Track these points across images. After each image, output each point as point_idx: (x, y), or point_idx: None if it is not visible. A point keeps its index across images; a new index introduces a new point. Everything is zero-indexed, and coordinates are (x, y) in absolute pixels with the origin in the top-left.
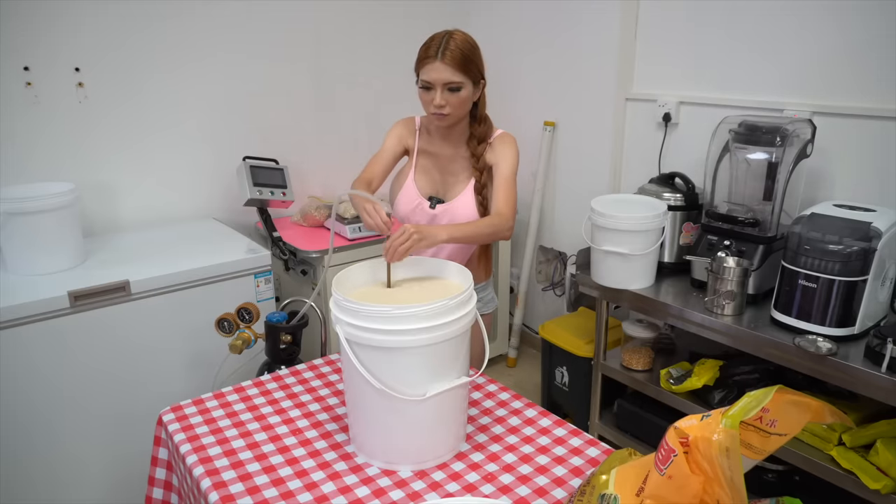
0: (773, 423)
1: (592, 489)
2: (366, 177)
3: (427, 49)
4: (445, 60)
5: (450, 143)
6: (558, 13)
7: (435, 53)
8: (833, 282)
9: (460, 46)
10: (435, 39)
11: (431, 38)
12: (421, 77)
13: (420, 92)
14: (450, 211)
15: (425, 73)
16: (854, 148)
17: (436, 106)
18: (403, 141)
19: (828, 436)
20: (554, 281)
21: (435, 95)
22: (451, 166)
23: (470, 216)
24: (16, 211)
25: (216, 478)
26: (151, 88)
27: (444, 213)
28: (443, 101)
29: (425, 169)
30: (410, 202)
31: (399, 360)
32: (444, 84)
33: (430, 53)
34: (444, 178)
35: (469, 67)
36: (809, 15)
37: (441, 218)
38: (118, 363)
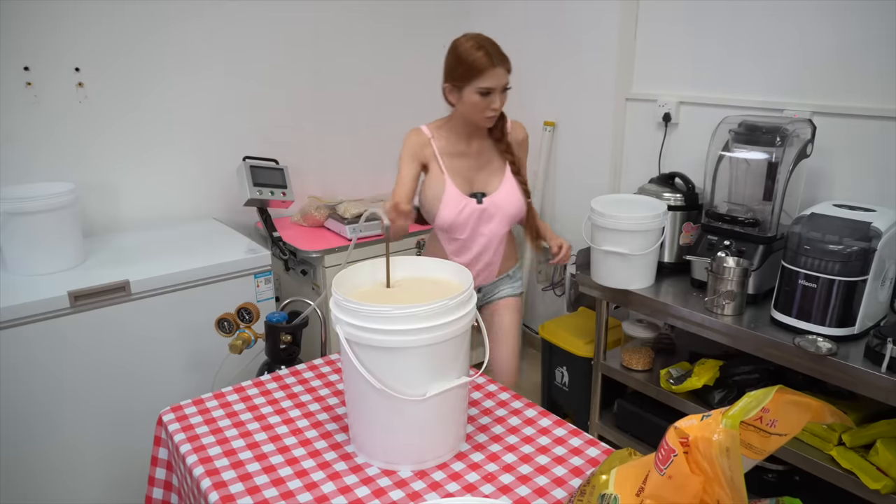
0: (773, 423)
1: (592, 489)
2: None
3: (486, 57)
4: (505, 65)
5: (476, 138)
6: (558, 13)
7: (496, 61)
8: (833, 282)
9: (501, 48)
10: (484, 46)
11: (477, 44)
12: (481, 84)
13: (475, 98)
14: (497, 202)
15: (487, 80)
16: (854, 148)
17: (494, 109)
18: (419, 158)
19: (828, 436)
20: (554, 281)
21: (495, 100)
22: (480, 160)
23: (516, 202)
24: (16, 211)
25: (216, 478)
26: (151, 88)
27: (492, 205)
28: (501, 103)
29: (457, 170)
30: (457, 205)
31: (399, 360)
32: (502, 88)
33: (491, 61)
34: (478, 173)
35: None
36: (809, 15)
37: (490, 211)
38: (118, 363)
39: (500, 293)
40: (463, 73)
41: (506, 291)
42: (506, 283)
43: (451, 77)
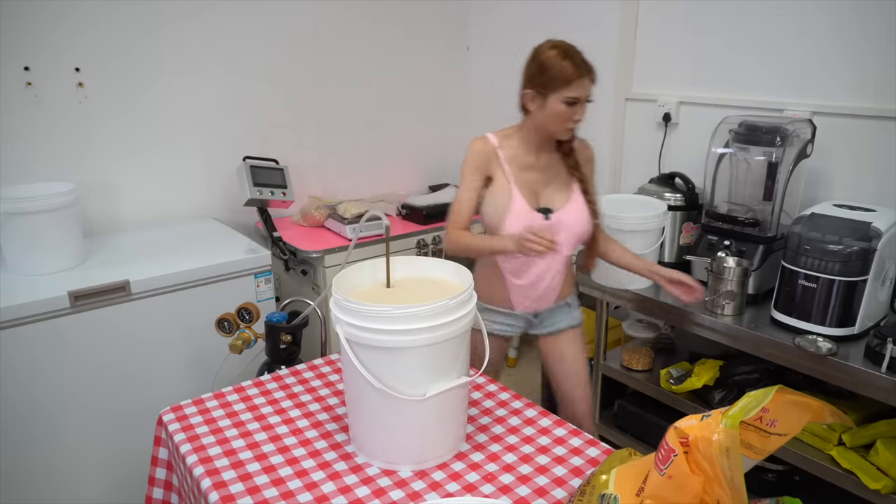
0: (773, 423)
1: (592, 489)
2: (463, 224)
3: (574, 67)
4: (591, 76)
5: (544, 151)
6: (557, 13)
7: (583, 71)
8: (833, 282)
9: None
10: (570, 55)
11: (565, 52)
12: (568, 94)
13: (559, 108)
14: (563, 219)
15: (575, 90)
16: (854, 148)
17: (576, 120)
18: (484, 170)
19: (828, 436)
20: None
21: (578, 111)
22: (547, 174)
23: (584, 221)
24: (16, 211)
25: (216, 478)
26: (152, 88)
27: (560, 223)
28: (583, 114)
29: (524, 182)
30: (524, 219)
31: (399, 360)
32: (585, 98)
33: (580, 72)
34: (543, 188)
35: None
36: (809, 15)
37: (556, 228)
38: (118, 363)
39: (560, 323)
40: (549, 81)
41: (566, 322)
42: (564, 312)
43: (535, 84)
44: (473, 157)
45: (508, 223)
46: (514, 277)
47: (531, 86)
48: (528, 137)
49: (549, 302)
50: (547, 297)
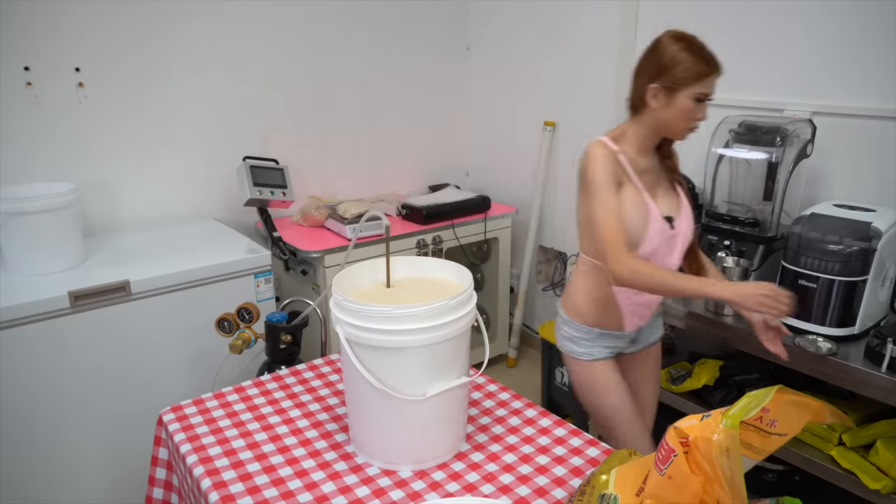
0: (773, 423)
1: (592, 489)
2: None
3: (708, 61)
4: (720, 72)
5: (650, 154)
6: (558, 13)
7: (716, 66)
8: (833, 282)
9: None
10: (704, 50)
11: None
12: (700, 90)
13: (688, 105)
14: (682, 227)
15: (707, 85)
16: (854, 148)
17: (700, 119)
18: (617, 178)
19: (828, 436)
20: (554, 281)
21: (703, 109)
22: (654, 178)
23: (692, 229)
24: (16, 211)
25: (216, 478)
26: (151, 88)
27: (679, 230)
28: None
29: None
30: (660, 231)
31: (399, 360)
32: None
33: (713, 67)
34: (656, 193)
35: None
36: (809, 15)
37: (677, 237)
38: (118, 363)
39: (652, 336)
40: (683, 74)
41: (656, 334)
42: (656, 324)
43: (663, 78)
44: (604, 164)
45: (650, 238)
46: (633, 295)
47: (661, 80)
48: (643, 138)
49: (651, 315)
50: (650, 313)
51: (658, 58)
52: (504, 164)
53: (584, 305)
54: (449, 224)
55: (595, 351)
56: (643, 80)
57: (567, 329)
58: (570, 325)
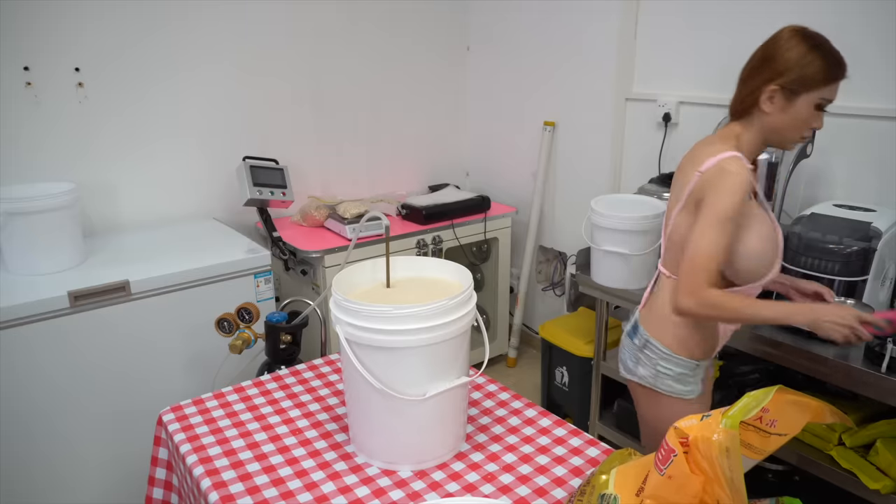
0: (773, 423)
1: (592, 489)
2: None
3: (839, 64)
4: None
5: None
6: (558, 13)
7: (845, 70)
8: (833, 282)
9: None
10: (834, 51)
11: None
12: (826, 96)
13: (808, 111)
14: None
15: (833, 91)
16: (854, 148)
17: (815, 128)
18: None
19: (828, 436)
20: (554, 281)
21: (822, 116)
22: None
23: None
24: (16, 211)
25: (216, 478)
26: (151, 88)
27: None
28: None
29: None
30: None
31: (399, 360)
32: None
33: (843, 70)
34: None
35: None
36: (809, 15)
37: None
38: (118, 363)
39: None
40: (812, 76)
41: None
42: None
43: (784, 79)
44: (742, 190)
45: (776, 263)
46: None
47: (783, 80)
48: (755, 146)
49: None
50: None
51: (780, 56)
52: (504, 164)
53: (687, 335)
54: (449, 224)
55: (698, 387)
56: (760, 80)
57: (669, 366)
58: (670, 360)
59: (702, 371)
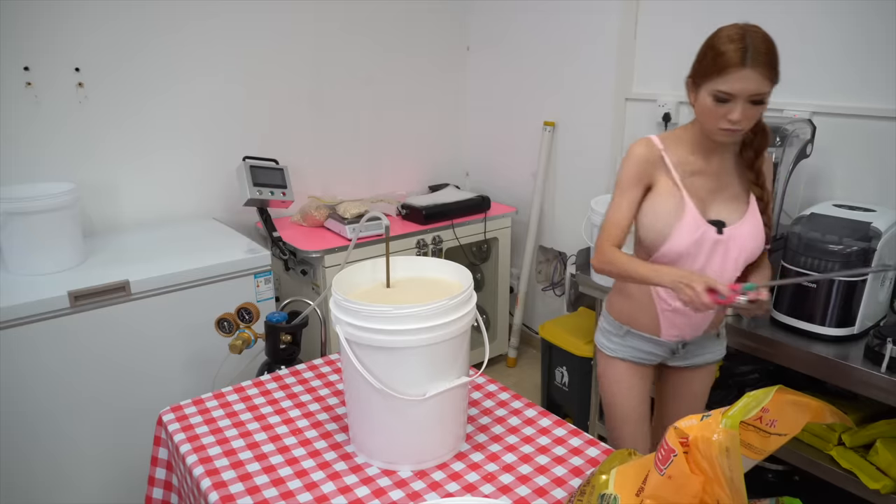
0: (773, 423)
1: (592, 489)
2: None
3: (730, 52)
4: (758, 68)
5: (718, 155)
6: (558, 13)
7: (743, 59)
8: (833, 282)
9: (770, 47)
10: (735, 39)
11: (727, 37)
12: (719, 87)
13: (708, 103)
14: (736, 236)
15: (727, 82)
16: (854, 148)
17: (731, 122)
18: (647, 179)
19: (828, 436)
20: (554, 281)
21: (733, 109)
22: (718, 182)
23: (758, 242)
24: (16, 211)
25: (216, 478)
26: (151, 88)
27: (731, 239)
28: (741, 116)
29: (693, 189)
30: (693, 232)
31: (399, 360)
32: (748, 96)
33: (734, 59)
34: (713, 197)
35: (777, 73)
36: (809, 15)
37: (727, 245)
38: (118, 363)
39: (705, 356)
40: (704, 68)
41: (712, 355)
42: (713, 343)
43: (693, 70)
44: (635, 163)
45: (677, 236)
46: (669, 298)
47: (691, 72)
48: (695, 137)
49: (700, 331)
50: (698, 325)
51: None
52: (504, 164)
53: (616, 299)
54: (449, 224)
55: (620, 350)
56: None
57: (602, 320)
58: (605, 318)
59: (631, 339)
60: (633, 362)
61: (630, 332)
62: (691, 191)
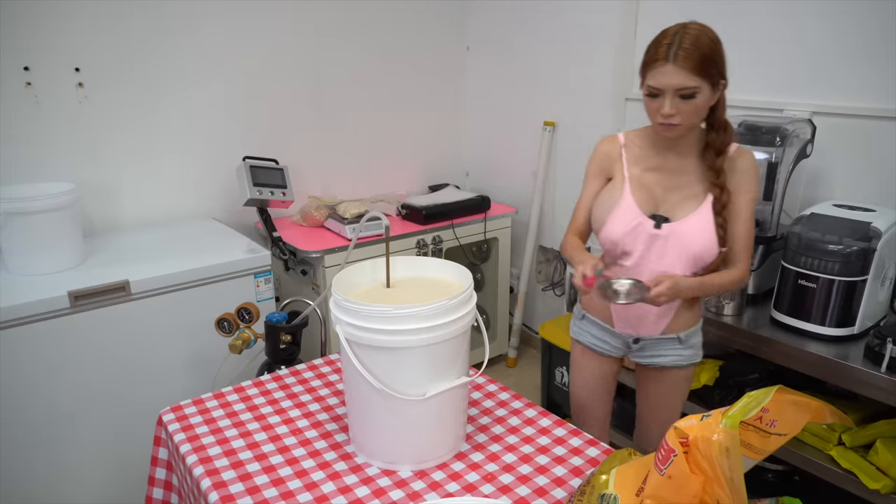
0: (773, 423)
1: (592, 489)
2: (574, 231)
3: (656, 49)
4: (678, 62)
5: (676, 153)
6: (558, 13)
7: (665, 54)
8: (833, 282)
9: (696, 43)
10: (666, 36)
11: (662, 33)
12: (648, 82)
13: (645, 100)
14: (679, 232)
15: (653, 77)
16: (854, 148)
17: (663, 116)
18: (606, 171)
19: (828, 436)
20: (554, 281)
21: (663, 104)
22: (675, 179)
23: (703, 240)
24: (16, 211)
25: (216, 478)
26: (151, 88)
27: (672, 235)
28: (672, 110)
29: (642, 183)
30: (628, 222)
31: (399, 360)
32: (674, 90)
33: (659, 54)
34: (666, 194)
35: (707, 68)
36: (809, 15)
37: (667, 240)
38: (118, 363)
39: (662, 359)
40: (641, 65)
41: (669, 359)
42: (670, 348)
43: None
44: (596, 158)
45: (611, 223)
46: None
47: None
48: (653, 135)
49: (652, 330)
50: (647, 323)
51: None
52: (504, 164)
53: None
54: (449, 224)
55: (578, 333)
56: None
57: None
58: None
59: (587, 325)
60: (589, 348)
61: (587, 317)
62: (641, 185)
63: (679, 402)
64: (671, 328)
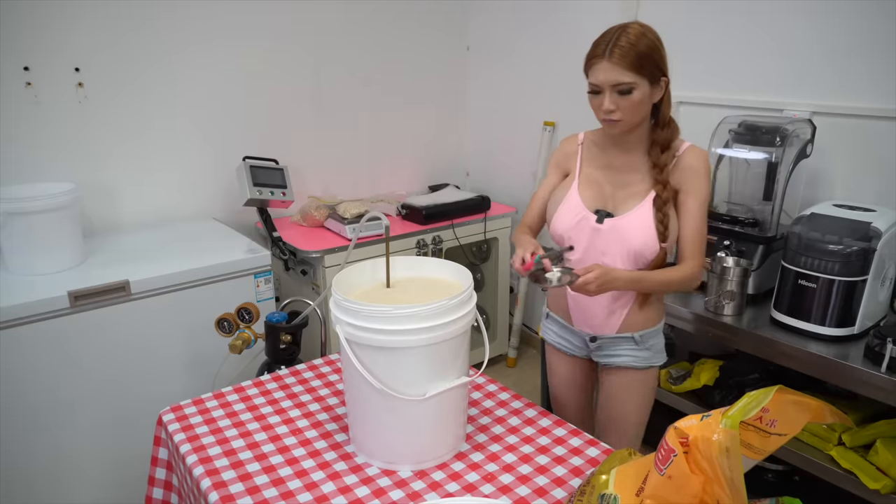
0: (773, 423)
1: (592, 489)
2: (526, 221)
3: (595, 47)
4: (613, 59)
5: (623, 150)
6: (557, 13)
7: (602, 52)
8: (833, 282)
9: (633, 41)
10: (605, 36)
11: (603, 33)
12: (589, 80)
13: (589, 97)
14: (619, 227)
15: (592, 74)
16: (854, 148)
17: (604, 112)
18: (563, 166)
19: (828, 436)
20: None
21: (603, 100)
22: (623, 177)
23: (642, 235)
24: (16, 211)
25: (216, 478)
26: (151, 88)
27: (613, 230)
28: (612, 105)
29: (592, 179)
30: (572, 216)
31: (399, 360)
32: (612, 86)
33: (597, 52)
34: (615, 191)
35: (643, 65)
36: (809, 15)
37: (608, 235)
38: (118, 363)
39: (617, 359)
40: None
41: (625, 360)
42: (626, 348)
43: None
44: (556, 155)
45: (557, 216)
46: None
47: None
48: (605, 132)
49: (606, 328)
50: (600, 321)
51: None
52: (504, 164)
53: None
54: (449, 224)
55: (545, 331)
56: None
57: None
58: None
59: (551, 323)
60: (555, 347)
61: (550, 316)
62: (589, 181)
63: (636, 406)
64: (626, 328)
